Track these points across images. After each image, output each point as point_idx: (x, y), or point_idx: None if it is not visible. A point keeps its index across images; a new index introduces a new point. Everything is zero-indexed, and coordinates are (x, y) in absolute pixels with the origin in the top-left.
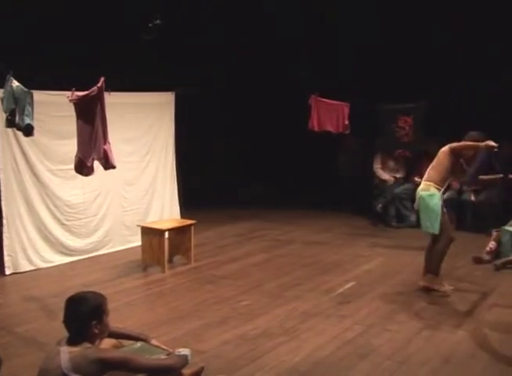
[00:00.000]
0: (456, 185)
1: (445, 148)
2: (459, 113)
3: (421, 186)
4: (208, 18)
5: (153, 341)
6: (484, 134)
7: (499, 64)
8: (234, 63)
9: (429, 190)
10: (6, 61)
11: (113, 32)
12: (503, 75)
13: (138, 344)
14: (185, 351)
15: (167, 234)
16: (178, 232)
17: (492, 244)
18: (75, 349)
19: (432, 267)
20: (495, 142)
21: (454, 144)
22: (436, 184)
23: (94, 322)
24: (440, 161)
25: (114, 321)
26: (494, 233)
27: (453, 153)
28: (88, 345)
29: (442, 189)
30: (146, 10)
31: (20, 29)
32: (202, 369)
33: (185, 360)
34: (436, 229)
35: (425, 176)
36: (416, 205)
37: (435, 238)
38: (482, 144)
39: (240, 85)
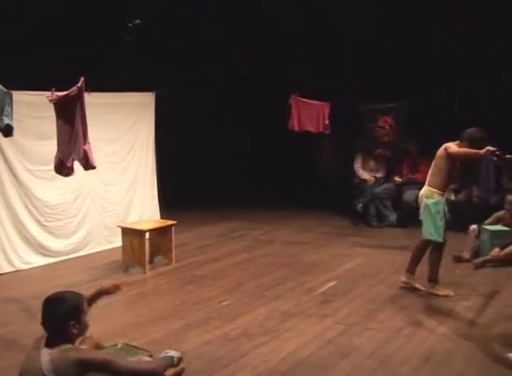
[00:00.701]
0: None
1: (442, 152)
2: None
3: (425, 193)
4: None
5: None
6: (482, 130)
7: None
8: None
9: (433, 198)
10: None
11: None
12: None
13: (119, 344)
14: (171, 352)
15: (147, 235)
16: (158, 232)
17: (471, 242)
18: (55, 350)
19: (432, 276)
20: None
21: (452, 150)
22: (440, 190)
23: (72, 322)
24: (438, 167)
25: (94, 322)
26: (472, 229)
27: (450, 158)
28: (68, 345)
29: (446, 195)
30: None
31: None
32: (183, 370)
33: (169, 363)
34: (440, 237)
35: (427, 181)
36: (421, 213)
37: (431, 243)
38: (482, 151)
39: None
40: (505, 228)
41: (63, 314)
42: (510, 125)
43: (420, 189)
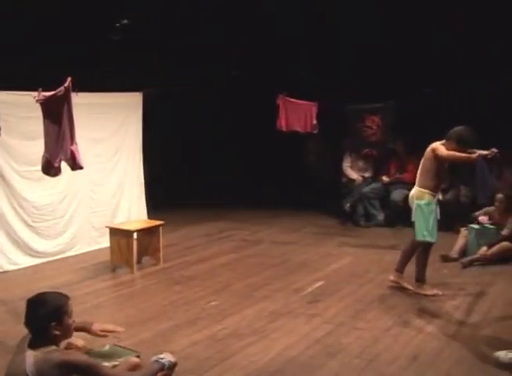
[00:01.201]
0: None
1: (429, 153)
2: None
3: (415, 193)
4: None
5: (95, 326)
6: (471, 129)
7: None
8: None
9: (424, 198)
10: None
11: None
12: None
13: (107, 346)
14: (165, 359)
15: (135, 235)
16: (146, 233)
17: (461, 242)
18: (39, 352)
19: (420, 276)
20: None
21: (441, 153)
22: (431, 191)
23: (53, 323)
24: (426, 168)
25: None
26: (463, 231)
27: (438, 159)
28: (52, 347)
29: (437, 196)
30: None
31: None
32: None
33: (158, 369)
34: (434, 238)
35: (417, 181)
36: (413, 215)
37: (422, 243)
38: (475, 156)
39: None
40: (491, 226)
41: (44, 315)
42: (498, 124)
43: (408, 188)
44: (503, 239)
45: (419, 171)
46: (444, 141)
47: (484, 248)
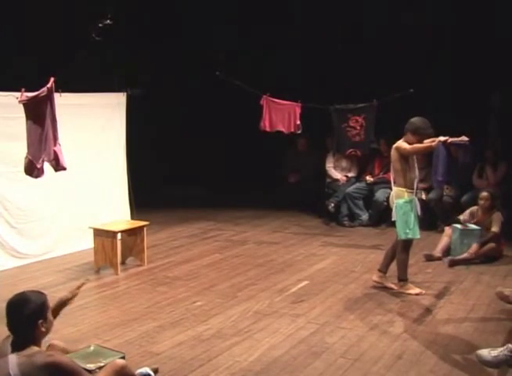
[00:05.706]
0: None
1: (394, 154)
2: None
3: (395, 193)
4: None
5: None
6: (423, 118)
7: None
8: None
9: (403, 197)
10: None
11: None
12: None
13: (92, 347)
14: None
15: (119, 236)
16: (130, 233)
17: (444, 241)
18: (22, 354)
19: (402, 275)
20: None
21: (403, 150)
22: (408, 188)
23: (40, 321)
24: (395, 169)
25: (67, 324)
26: (447, 230)
27: (403, 157)
28: (35, 348)
29: (415, 191)
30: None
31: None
32: (157, 370)
33: None
34: (415, 234)
35: (394, 182)
36: (393, 215)
37: (401, 242)
38: (435, 144)
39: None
40: (475, 227)
41: (30, 315)
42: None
43: (392, 188)
44: (494, 236)
45: (391, 173)
46: (403, 137)
47: (475, 246)
